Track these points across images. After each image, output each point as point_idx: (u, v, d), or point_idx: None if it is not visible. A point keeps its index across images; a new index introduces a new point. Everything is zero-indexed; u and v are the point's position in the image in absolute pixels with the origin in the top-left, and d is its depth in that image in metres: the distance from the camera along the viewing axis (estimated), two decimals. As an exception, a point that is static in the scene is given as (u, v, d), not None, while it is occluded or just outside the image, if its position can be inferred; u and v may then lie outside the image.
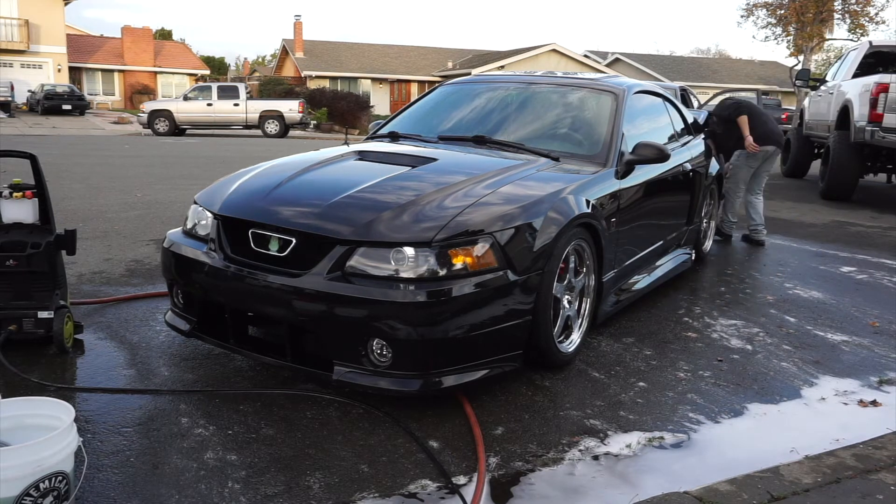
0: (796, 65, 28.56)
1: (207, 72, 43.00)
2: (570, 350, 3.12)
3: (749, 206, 6.09)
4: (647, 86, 4.66)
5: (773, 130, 5.89)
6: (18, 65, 32.93)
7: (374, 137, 4.29)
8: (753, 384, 3.06)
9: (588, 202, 3.14)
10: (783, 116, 27.71)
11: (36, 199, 3.10)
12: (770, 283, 4.79)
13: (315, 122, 26.62)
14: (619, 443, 2.47)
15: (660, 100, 4.69)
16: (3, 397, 2.14)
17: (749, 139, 5.67)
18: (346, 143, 4.00)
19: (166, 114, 20.95)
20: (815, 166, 11.07)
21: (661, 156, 3.60)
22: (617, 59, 40.82)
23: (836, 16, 30.07)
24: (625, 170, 3.59)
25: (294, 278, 2.57)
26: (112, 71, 38.12)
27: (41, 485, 1.83)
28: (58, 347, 3.03)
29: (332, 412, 2.62)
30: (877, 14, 29.46)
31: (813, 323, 3.96)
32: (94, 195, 7.57)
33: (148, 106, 21.53)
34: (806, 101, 11.98)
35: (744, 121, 5.74)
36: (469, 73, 27.21)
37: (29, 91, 30.32)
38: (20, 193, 3.06)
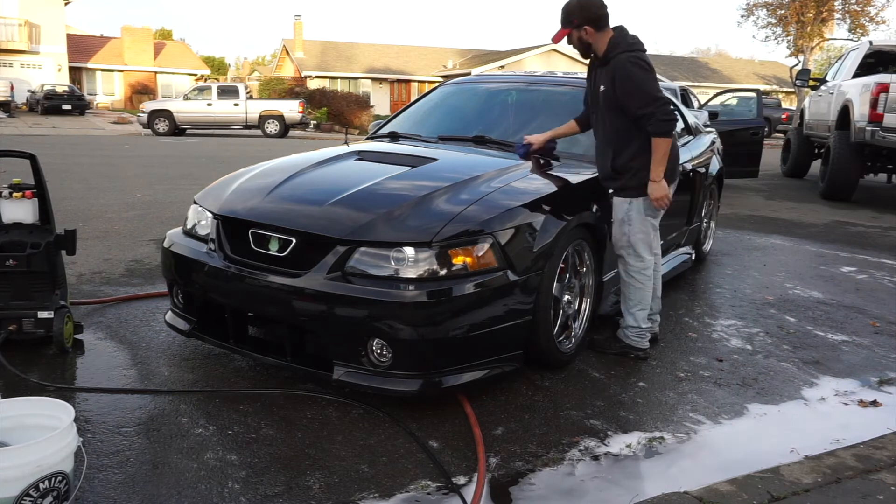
0: (796, 65, 28.56)
1: (207, 72, 43.00)
2: (570, 350, 3.12)
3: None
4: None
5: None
6: (18, 65, 32.88)
7: (374, 137, 4.29)
8: (753, 384, 3.06)
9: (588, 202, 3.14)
10: (783, 116, 27.80)
11: (36, 199, 3.10)
12: (770, 283, 4.79)
13: (315, 122, 26.60)
14: (619, 443, 2.47)
15: (660, 100, 4.67)
16: (3, 397, 2.14)
17: (663, 185, 3.13)
18: (346, 143, 4.00)
19: (166, 114, 20.93)
20: (816, 166, 11.07)
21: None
22: (617, 59, 40.75)
23: (836, 16, 30.09)
24: (625, 170, 3.57)
25: (294, 278, 2.57)
26: (112, 71, 38.10)
27: (41, 485, 1.83)
28: (58, 347, 3.03)
29: (332, 412, 2.62)
30: (877, 14, 29.45)
31: (813, 323, 3.96)
32: (94, 195, 7.56)
33: (148, 106, 21.51)
34: (806, 101, 11.99)
35: (664, 145, 3.08)
36: (469, 73, 27.21)
37: (29, 91, 30.29)
38: (20, 193, 3.06)
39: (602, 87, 3.15)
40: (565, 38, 3.15)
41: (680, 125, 4.89)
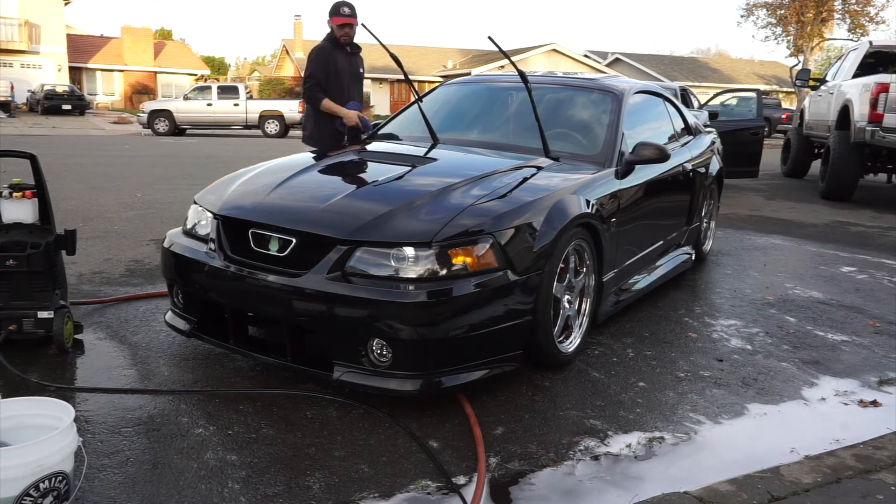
0: (796, 65, 28.58)
1: (207, 72, 43.02)
2: (570, 350, 3.12)
3: None
4: (647, 86, 4.66)
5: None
6: (18, 65, 32.90)
7: (374, 137, 4.29)
8: (753, 384, 3.06)
9: (588, 202, 3.14)
10: (783, 116, 27.81)
11: (36, 199, 3.10)
12: (770, 283, 4.79)
13: (315, 122, 26.58)
14: (619, 443, 2.47)
15: (660, 100, 4.69)
16: (3, 397, 2.14)
17: None
18: (346, 143, 4.00)
19: (166, 114, 20.94)
20: (816, 166, 11.07)
21: (661, 156, 3.59)
22: (617, 59, 40.81)
23: (836, 16, 30.09)
24: (625, 170, 3.58)
25: (294, 278, 2.57)
26: (112, 71, 38.11)
27: (41, 485, 1.83)
28: (58, 347, 3.03)
29: (332, 412, 2.62)
30: (877, 14, 29.44)
31: (813, 323, 3.96)
32: (94, 195, 7.56)
33: (148, 106, 21.52)
34: (806, 101, 11.99)
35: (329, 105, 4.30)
36: (469, 73, 27.19)
37: (29, 91, 30.31)
38: (20, 193, 3.06)
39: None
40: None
41: (680, 125, 4.89)
